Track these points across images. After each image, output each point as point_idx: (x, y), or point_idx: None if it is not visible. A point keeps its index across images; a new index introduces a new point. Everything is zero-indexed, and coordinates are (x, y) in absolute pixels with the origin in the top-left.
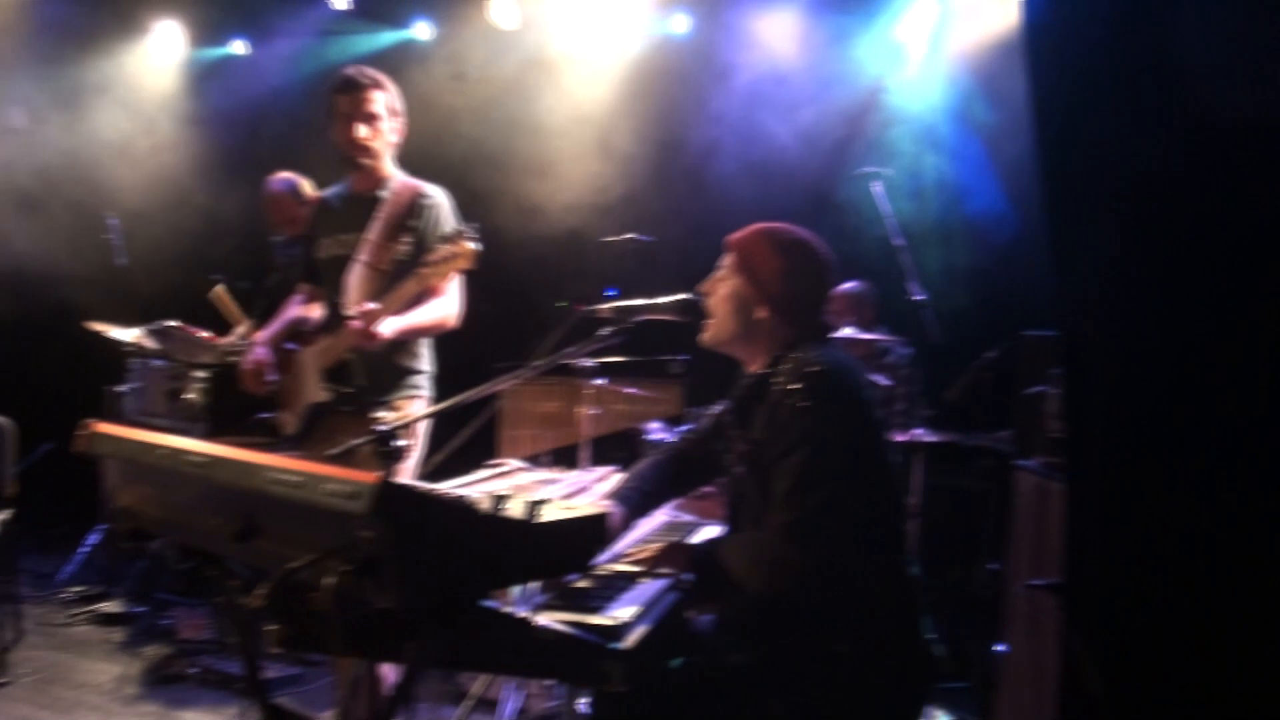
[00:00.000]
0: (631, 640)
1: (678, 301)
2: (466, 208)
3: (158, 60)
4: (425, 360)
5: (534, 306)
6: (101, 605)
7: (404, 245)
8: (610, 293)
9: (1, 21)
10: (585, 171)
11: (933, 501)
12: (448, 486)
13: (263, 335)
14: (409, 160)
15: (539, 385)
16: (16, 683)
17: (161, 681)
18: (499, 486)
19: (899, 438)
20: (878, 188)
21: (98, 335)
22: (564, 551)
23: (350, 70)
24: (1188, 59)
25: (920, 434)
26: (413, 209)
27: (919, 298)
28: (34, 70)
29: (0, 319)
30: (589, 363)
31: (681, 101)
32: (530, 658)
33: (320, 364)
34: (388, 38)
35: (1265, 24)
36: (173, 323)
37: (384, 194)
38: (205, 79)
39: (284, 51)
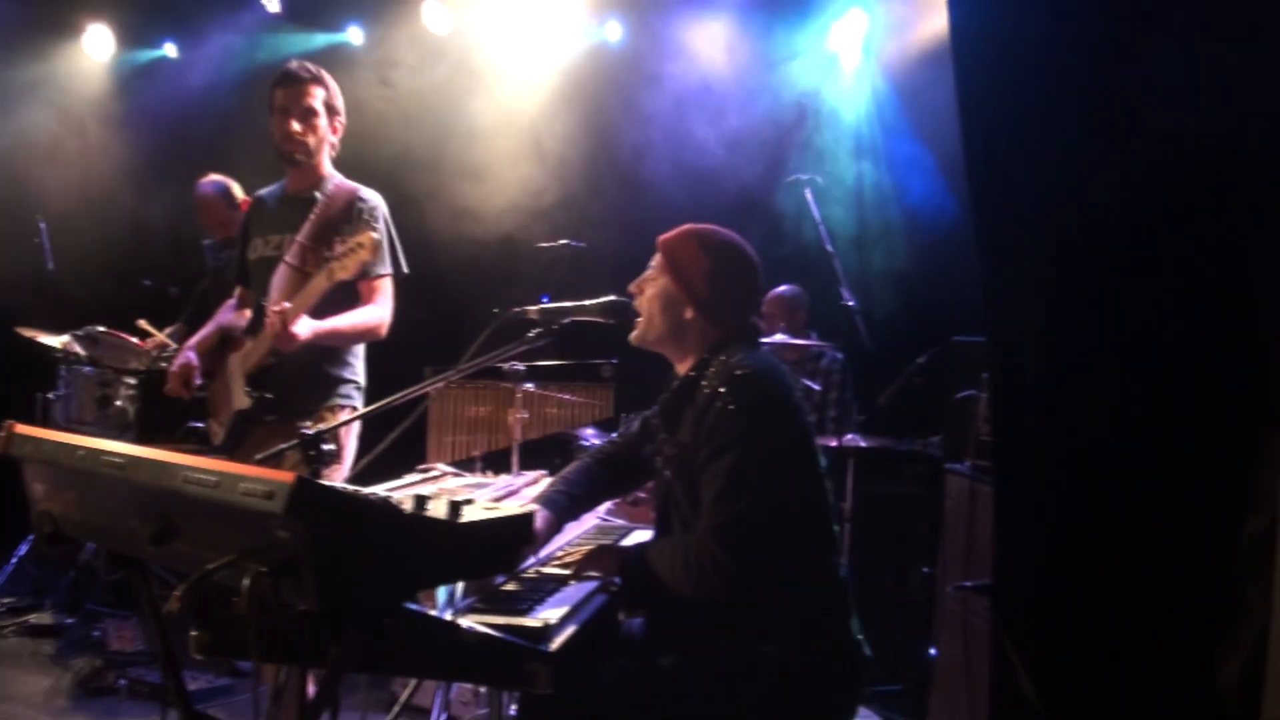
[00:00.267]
0: (558, 643)
1: (605, 303)
2: (399, 211)
3: (87, 63)
4: (355, 370)
5: (468, 312)
6: (31, 617)
7: (336, 249)
8: (544, 299)
9: None
10: (518, 176)
11: (866, 506)
12: (374, 490)
13: (192, 340)
14: (340, 163)
15: (468, 390)
16: None
17: (91, 694)
18: (426, 490)
19: (831, 443)
20: (809, 194)
21: (27, 341)
22: (487, 552)
23: (292, 64)
24: (1114, 75)
25: (853, 439)
26: (347, 212)
27: (850, 303)
28: None
29: None
30: (519, 367)
31: (615, 108)
32: (455, 661)
33: (244, 369)
34: (319, 40)
35: (1183, 44)
36: (100, 328)
37: (319, 195)
38: (135, 81)
39: (215, 54)
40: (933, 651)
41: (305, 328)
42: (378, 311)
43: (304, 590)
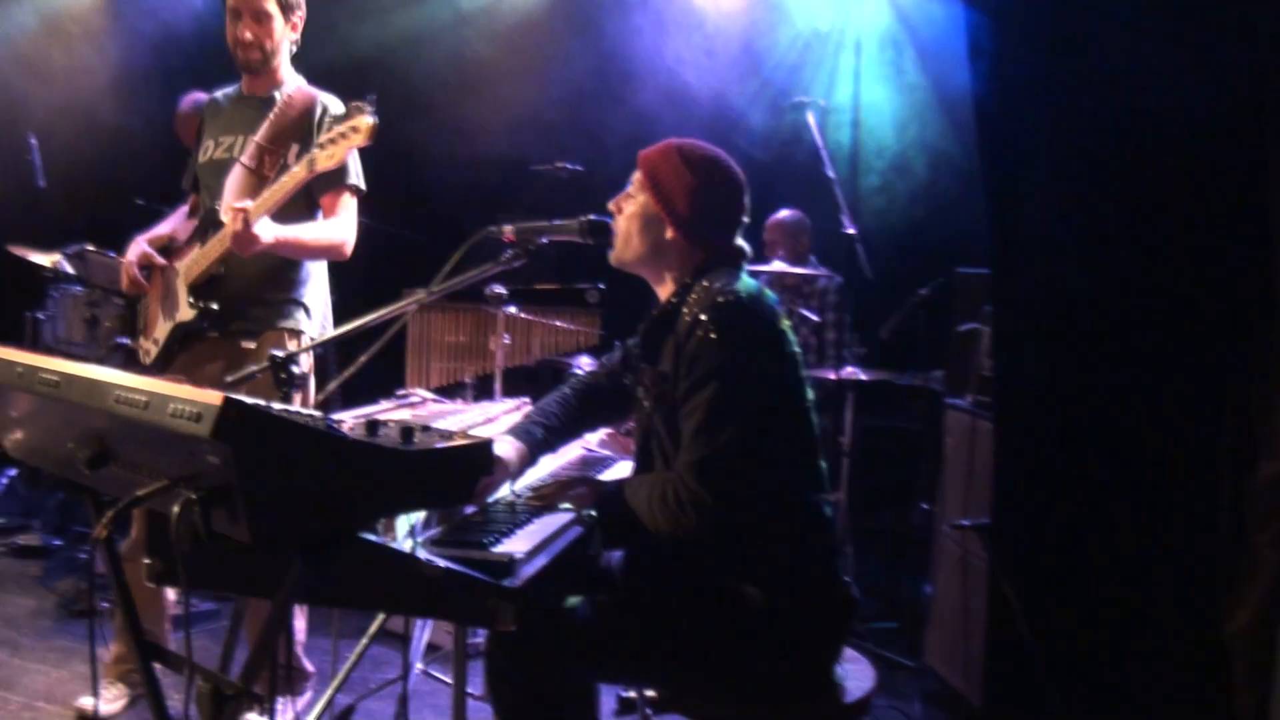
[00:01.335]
0: (524, 578)
1: (582, 222)
2: (386, 129)
3: None
4: (308, 294)
5: (461, 236)
6: (19, 538)
7: (293, 152)
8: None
9: None
10: (514, 96)
11: (866, 441)
12: (348, 416)
13: (144, 235)
14: (327, 74)
15: (448, 313)
16: None
17: (75, 615)
18: (399, 416)
19: (830, 376)
20: (811, 117)
21: (17, 259)
22: (441, 482)
23: None
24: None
25: (853, 372)
26: (307, 116)
27: (850, 230)
28: None
29: None
30: (500, 290)
31: (618, 28)
32: (413, 595)
33: (187, 279)
34: None
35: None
36: (90, 246)
37: (277, 95)
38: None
39: None
40: (928, 589)
41: (267, 231)
42: (343, 228)
43: (236, 519)
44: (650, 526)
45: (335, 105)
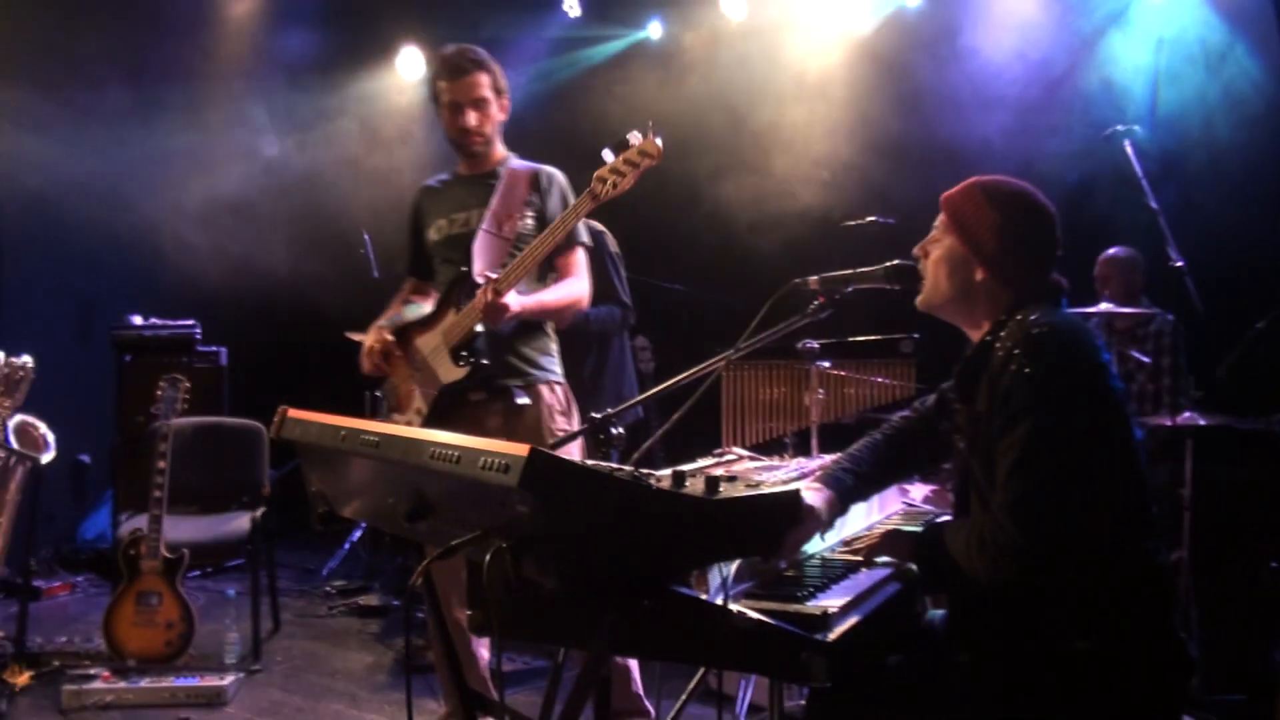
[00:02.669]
0: (838, 632)
1: (889, 268)
2: (698, 193)
3: (400, 82)
4: (553, 343)
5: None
6: (360, 598)
7: (527, 219)
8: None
9: (248, 54)
10: (821, 153)
11: (1207, 492)
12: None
13: (380, 320)
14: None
15: (761, 370)
16: (270, 669)
17: (412, 670)
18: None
19: (1166, 422)
20: (1129, 146)
21: (356, 344)
22: (748, 532)
23: (451, 52)
24: None
25: (1190, 417)
26: (532, 184)
27: (1178, 264)
28: (283, 98)
29: (265, 333)
30: (812, 344)
31: (916, 76)
32: (725, 648)
33: (449, 341)
34: (619, 42)
35: None
36: None
37: (500, 171)
38: None
39: (520, 64)
40: None
41: (515, 301)
42: (580, 284)
43: (545, 567)
44: (969, 573)
45: (555, 174)
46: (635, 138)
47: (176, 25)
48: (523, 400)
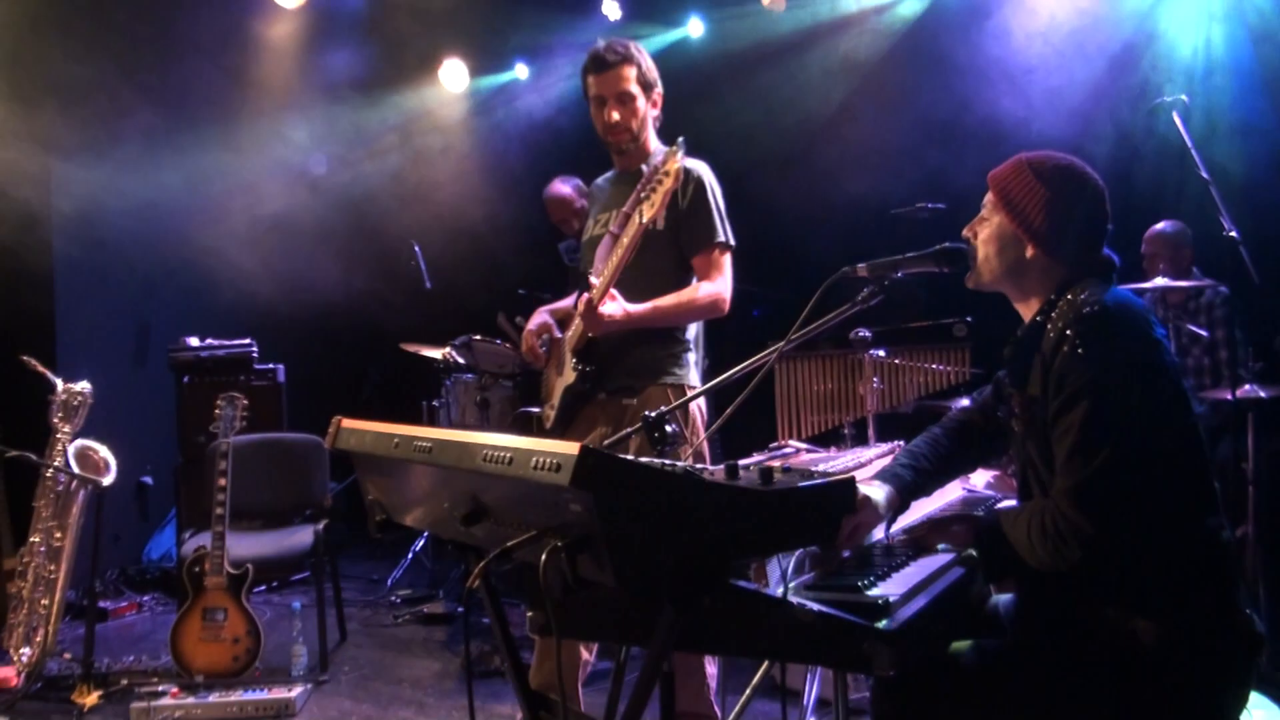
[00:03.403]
0: (901, 620)
1: (938, 250)
2: (746, 188)
3: (444, 94)
4: (685, 347)
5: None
6: (425, 606)
7: (660, 218)
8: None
9: (290, 74)
10: (869, 140)
11: (1273, 467)
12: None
13: (548, 306)
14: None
15: (814, 361)
16: (337, 679)
17: (478, 677)
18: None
19: (1226, 396)
20: (1178, 117)
21: (412, 355)
22: (804, 520)
23: (599, 46)
24: None
25: (1251, 390)
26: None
27: (1233, 233)
28: (326, 115)
29: (322, 349)
30: (864, 333)
31: (960, 57)
32: (787, 639)
33: (571, 345)
34: (660, 40)
35: None
36: (476, 336)
37: (645, 168)
38: (489, 105)
39: (563, 69)
40: None
41: (615, 309)
42: (710, 287)
43: (601, 565)
44: (1030, 561)
45: (697, 166)
46: (667, 156)
47: (219, 49)
48: (628, 402)
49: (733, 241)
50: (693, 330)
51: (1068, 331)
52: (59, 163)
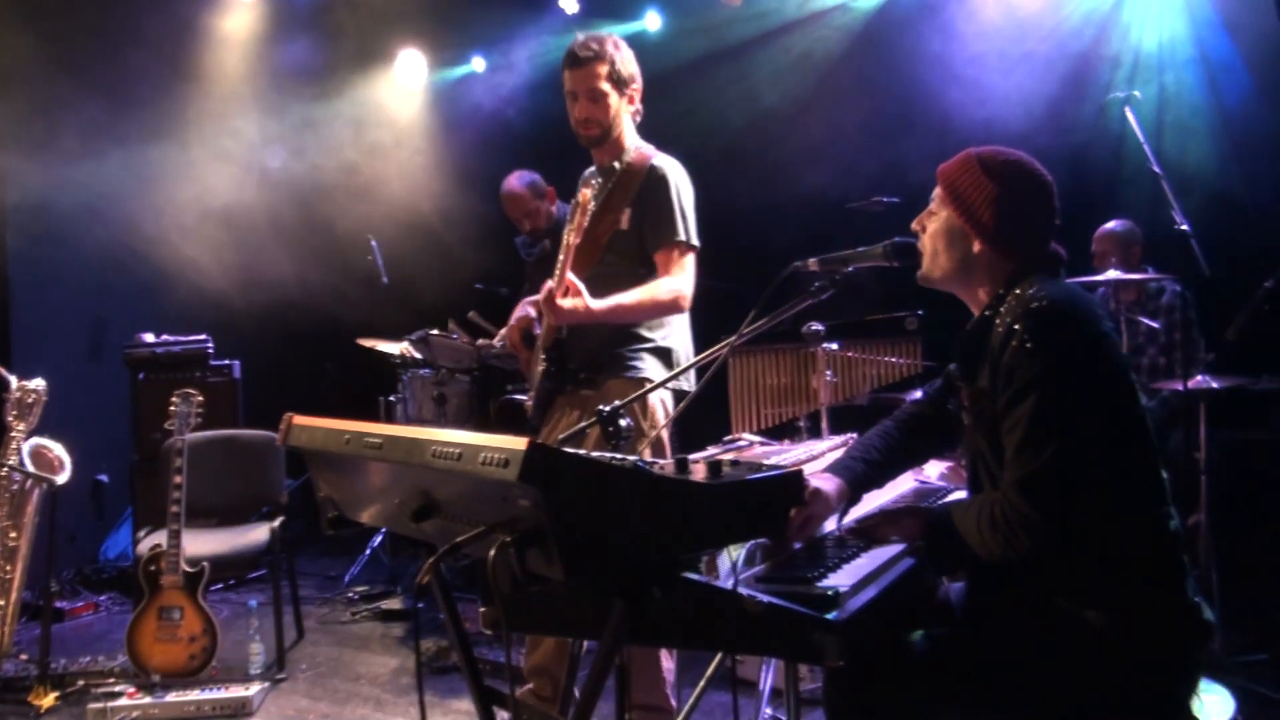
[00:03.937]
0: (850, 611)
1: (887, 246)
2: (710, 182)
3: (400, 87)
4: (663, 341)
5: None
6: (382, 603)
7: (625, 215)
8: None
9: (244, 66)
10: (822, 135)
11: (1224, 457)
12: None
13: (529, 299)
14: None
15: (767, 356)
16: (294, 677)
17: (436, 673)
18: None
19: (1179, 387)
20: (1130, 112)
21: (368, 350)
22: (753, 513)
23: (576, 41)
24: None
25: (1203, 381)
26: (637, 176)
27: (1184, 227)
28: (281, 107)
29: (278, 345)
30: (817, 327)
31: (911, 51)
32: (737, 632)
33: (543, 343)
34: (618, 33)
35: None
36: (434, 331)
37: (617, 165)
38: (447, 98)
39: (519, 63)
40: None
41: (576, 302)
42: (670, 283)
43: (550, 559)
44: (981, 553)
45: (667, 164)
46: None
47: (172, 41)
48: (588, 393)
49: (695, 241)
50: (667, 329)
51: (1016, 326)
52: (8, 155)
